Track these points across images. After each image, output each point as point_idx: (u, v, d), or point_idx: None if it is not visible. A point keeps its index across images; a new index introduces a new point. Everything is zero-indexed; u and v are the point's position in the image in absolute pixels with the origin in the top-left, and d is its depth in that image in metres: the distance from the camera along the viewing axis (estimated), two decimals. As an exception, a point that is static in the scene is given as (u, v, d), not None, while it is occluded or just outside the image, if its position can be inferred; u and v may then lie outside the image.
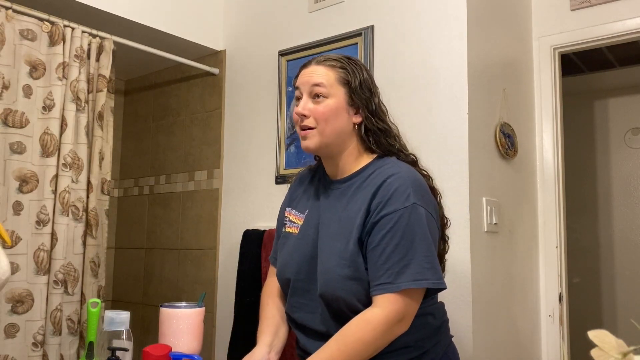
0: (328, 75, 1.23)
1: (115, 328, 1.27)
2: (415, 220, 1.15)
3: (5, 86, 1.96)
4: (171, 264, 2.77)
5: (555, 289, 2.21)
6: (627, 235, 3.48)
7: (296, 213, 1.34)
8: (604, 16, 2.19)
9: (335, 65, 1.25)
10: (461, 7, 1.90)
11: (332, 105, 1.22)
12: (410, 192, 1.16)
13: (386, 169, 1.21)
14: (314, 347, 1.22)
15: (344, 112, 1.23)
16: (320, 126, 1.22)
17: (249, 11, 2.61)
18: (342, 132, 1.24)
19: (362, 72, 1.27)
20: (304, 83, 1.25)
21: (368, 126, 1.25)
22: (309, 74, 1.25)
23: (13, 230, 1.94)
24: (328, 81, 1.23)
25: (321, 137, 1.23)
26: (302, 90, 1.26)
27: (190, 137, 2.78)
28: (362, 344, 1.11)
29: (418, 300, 1.16)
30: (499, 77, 2.10)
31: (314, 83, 1.23)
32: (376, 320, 1.12)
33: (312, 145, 1.24)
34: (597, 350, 0.58)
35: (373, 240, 1.16)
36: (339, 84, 1.23)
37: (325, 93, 1.22)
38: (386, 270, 1.12)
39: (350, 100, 1.23)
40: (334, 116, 1.22)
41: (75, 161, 2.10)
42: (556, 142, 2.29)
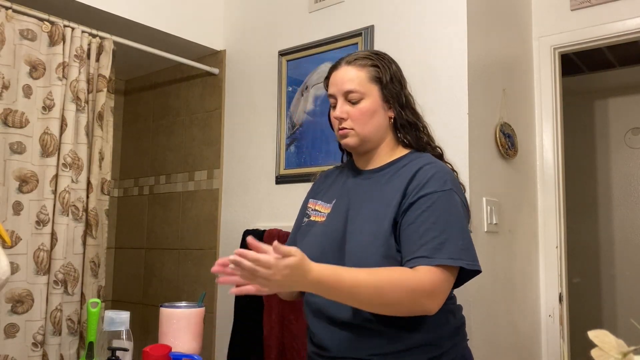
0: (359, 76, 1.25)
1: (115, 328, 1.27)
2: (452, 204, 1.17)
3: (5, 86, 1.96)
4: (171, 264, 2.77)
5: (555, 289, 2.21)
6: (627, 235, 3.48)
7: (322, 203, 1.34)
8: (604, 16, 2.19)
9: (365, 64, 1.26)
10: (461, 7, 1.90)
11: (368, 106, 1.24)
12: (447, 179, 1.19)
13: (422, 160, 1.24)
14: (329, 337, 1.20)
15: (380, 109, 1.26)
16: (358, 127, 1.24)
17: (249, 11, 2.61)
18: (380, 128, 1.27)
19: (391, 66, 1.28)
20: (336, 91, 1.26)
21: (400, 120, 1.28)
22: (340, 79, 1.26)
23: (13, 230, 1.94)
24: (360, 82, 1.24)
25: (360, 136, 1.25)
26: (335, 95, 1.27)
27: (190, 137, 2.78)
28: (389, 285, 1.07)
29: (450, 282, 1.13)
30: (499, 77, 2.10)
31: (347, 91, 1.24)
32: (411, 277, 1.09)
33: (352, 143, 1.26)
34: (597, 350, 0.58)
35: (409, 219, 1.15)
36: (372, 82, 1.25)
37: (359, 96, 1.24)
38: (421, 246, 1.11)
39: (384, 96, 1.26)
40: (371, 116, 1.24)
41: (75, 161, 2.10)
42: (556, 142, 2.29)
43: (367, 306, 1.11)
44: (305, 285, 1.05)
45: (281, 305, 2.12)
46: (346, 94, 1.25)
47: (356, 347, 1.18)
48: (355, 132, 1.25)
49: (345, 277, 1.06)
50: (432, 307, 1.11)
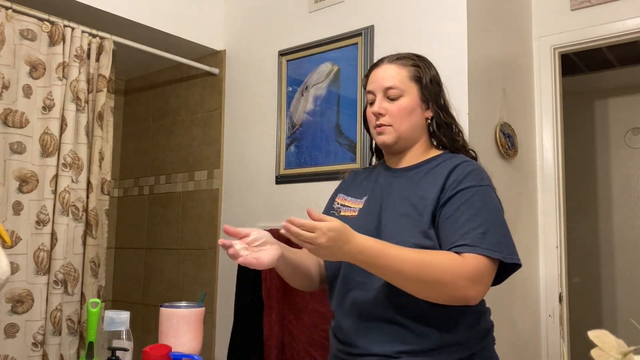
0: (400, 73, 1.26)
1: (115, 328, 1.27)
2: (490, 198, 1.18)
3: (5, 86, 1.96)
4: (171, 264, 2.77)
5: (555, 289, 2.21)
6: (627, 235, 3.48)
7: (352, 199, 1.34)
8: (604, 16, 2.19)
9: (407, 63, 1.27)
10: (461, 7, 1.90)
11: (406, 103, 1.25)
12: (484, 176, 1.21)
13: (458, 158, 1.25)
14: (358, 333, 1.20)
15: (418, 108, 1.26)
16: (395, 124, 1.25)
17: (249, 11, 2.61)
18: (416, 127, 1.27)
19: (431, 69, 1.30)
20: (376, 87, 1.27)
21: (438, 121, 1.28)
22: (381, 75, 1.27)
23: (13, 230, 1.94)
24: (401, 80, 1.25)
25: (397, 134, 1.26)
26: (374, 92, 1.28)
27: (190, 137, 2.78)
28: (435, 262, 1.08)
29: (492, 274, 1.12)
30: (499, 77, 2.10)
31: (387, 87, 1.25)
32: (457, 259, 1.09)
33: (388, 140, 1.26)
34: (597, 350, 0.58)
35: (448, 212, 1.15)
36: (412, 81, 1.26)
37: (399, 93, 1.25)
38: (462, 235, 1.11)
39: (422, 96, 1.27)
40: (409, 114, 1.25)
41: (75, 161, 2.10)
42: (556, 142, 2.29)
43: (409, 282, 1.08)
44: (351, 252, 1.05)
45: (281, 305, 2.12)
46: (386, 91, 1.25)
47: (385, 343, 1.17)
48: (392, 129, 1.25)
49: (391, 248, 1.08)
50: (473, 294, 1.09)
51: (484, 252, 1.09)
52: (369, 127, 1.32)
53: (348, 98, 2.15)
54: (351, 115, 2.13)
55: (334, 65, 2.21)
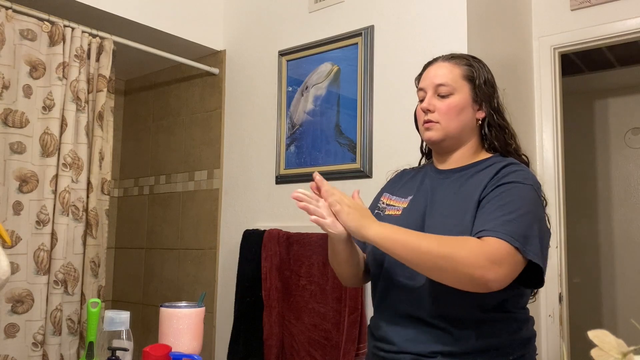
0: (453, 71, 1.25)
1: (115, 328, 1.27)
2: (529, 195, 1.14)
3: (5, 86, 1.96)
4: (171, 264, 2.77)
5: (555, 289, 2.21)
6: (627, 235, 3.48)
7: (397, 198, 1.33)
8: (604, 16, 2.19)
9: (460, 62, 1.26)
10: (461, 7, 1.90)
11: (457, 101, 1.23)
12: (530, 177, 1.18)
13: (508, 160, 1.23)
14: (395, 331, 1.19)
15: (468, 107, 1.24)
16: (444, 122, 1.23)
17: (249, 11, 2.61)
18: (465, 127, 1.25)
19: (485, 70, 1.28)
20: (427, 84, 1.26)
21: (491, 122, 1.26)
22: (433, 73, 1.26)
23: (13, 230, 1.94)
24: (453, 78, 1.24)
25: (445, 131, 1.24)
26: (426, 89, 1.26)
27: (190, 137, 2.78)
28: (455, 240, 1.07)
29: (516, 262, 1.06)
30: (499, 77, 2.08)
31: (438, 84, 1.24)
32: (478, 241, 1.06)
33: (435, 137, 1.25)
34: (597, 350, 0.58)
35: (483, 204, 1.14)
36: (464, 79, 1.25)
37: (450, 90, 1.23)
38: (487, 222, 1.09)
39: (475, 95, 1.25)
40: (459, 112, 1.23)
41: (75, 161, 2.10)
42: (556, 142, 2.29)
43: (427, 258, 1.06)
44: (372, 226, 1.10)
45: (281, 305, 2.12)
46: (437, 87, 1.24)
47: (422, 343, 1.16)
48: (440, 126, 1.23)
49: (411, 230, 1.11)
50: (492, 276, 1.02)
51: (504, 237, 1.05)
52: (418, 125, 1.30)
53: (348, 98, 2.15)
54: (351, 115, 2.13)
55: (334, 66, 2.21)
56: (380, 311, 1.28)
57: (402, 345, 1.19)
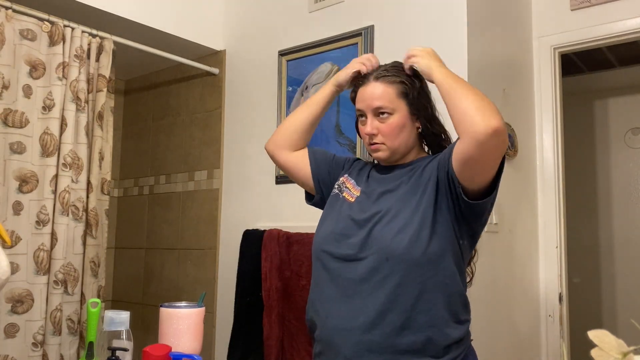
0: (388, 92, 1.28)
1: (115, 328, 1.27)
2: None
3: (5, 86, 1.96)
4: (171, 264, 2.77)
5: (555, 289, 2.21)
6: (627, 235, 3.48)
7: (353, 183, 1.37)
8: (604, 16, 2.19)
9: (392, 80, 1.29)
10: (461, 7, 1.90)
11: (397, 121, 1.28)
12: None
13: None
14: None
15: (408, 122, 1.29)
16: (389, 142, 1.28)
17: (249, 11, 2.61)
18: (408, 141, 1.31)
19: (416, 81, 1.32)
20: (365, 107, 1.30)
21: (426, 132, 1.32)
22: (369, 95, 1.29)
23: (13, 230, 1.94)
24: (389, 99, 1.27)
25: (391, 150, 1.30)
26: (364, 111, 1.31)
27: (190, 137, 2.78)
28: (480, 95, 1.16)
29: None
30: (499, 77, 2.10)
31: (376, 107, 1.28)
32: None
33: (383, 156, 1.31)
34: (597, 350, 0.58)
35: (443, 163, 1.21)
36: (400, 97, 1.28)
37: (389, 111, 1.27)
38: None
39: (411, 110, 1.29)
40: (400, 130, 1.28)
41: (75, 161, 2.10)
42: (556, 142, 2.29)
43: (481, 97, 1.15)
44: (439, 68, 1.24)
45: (281, 305, 2.12)
46: (375, 110, 1.28)
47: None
48: (386, 147, 1.29)
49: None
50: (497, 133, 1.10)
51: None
52: (364, 142, 1.35)
53: (348, 98, 2.13)
54: (351, 116, 2.13)
55: (333, 65, 2.21)
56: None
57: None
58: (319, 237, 1.32)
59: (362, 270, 1.20)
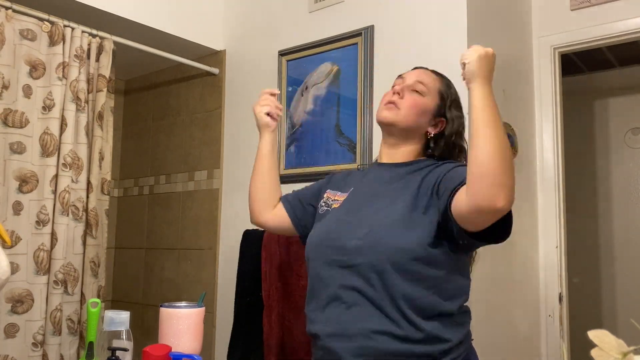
0: (435, 82, 1.34)
1: (115, 328, 1.27)
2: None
3: (5, 86, 1.96)
4: (171, 264, 2.77)
5: (555, 289, 2.21)
6: (627, 235, 3.48)
7: (340, 193, 1.38)
8: (604, 16, 2.19)
9: (442, 79, 1.36)
10: (461, 7, 1.90)
11: (424, 103, 1.31)
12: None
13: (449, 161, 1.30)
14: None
15: (428, 115, 1.31)
16: (403, 111, 1.30)
17: (249, 11, 2.61)
18: (417, 129, 1.32)
19: (455, 93, 1.36)
20: (409, 77, 1.34)
21: (448, 142, 1.31)
22: (419, 72, 1.35)
23: (13, 230, 1.94)
24: (432, 85, 1.33)
25: (398, 119, 1.30)
26: (405, 79, 1.34)
27: (190, 137, 2.78)
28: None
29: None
30: (499, 77, 2.08)
31: (419, 79, 1.32)
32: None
33: (389, 118, 1.31)
34: (597, 350, 0.58)
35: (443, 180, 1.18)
36: (438, 92, 1.33)
37: (423, 91, 1.31)
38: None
39: (438, 110, 1.32)
40: (419, 113, 1.31)
41: (75, 161, 2.10)
42: (556, 142, 2.29)
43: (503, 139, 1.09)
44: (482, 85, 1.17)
45: (281, 305, 2.12)
46: (415, 83, 1.32)
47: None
48: (398, 112, 1.30)
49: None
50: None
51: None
52: (381, 102, 1.35)
53: (348, 98, 2.15)
54: (351, 115, 2.13)
55: (333, 65, 2.21)
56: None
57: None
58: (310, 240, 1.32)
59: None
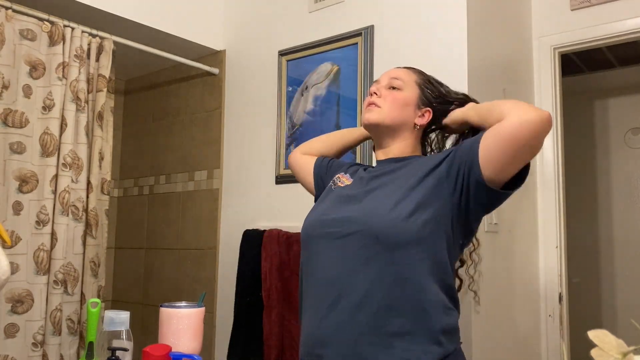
0: (408, 74, 1.35)
1: (115, 328, 1.27)
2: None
3: (5, 86, 1.96)
4: (171, 264, 2.77)
5: (555, 289, 2.21)
6: (627, 235, 3.48)
7: (348, 177, 1.39)
8: (604, 16, 2.19)
9: (416, 72, 1.37)
10: (461, 7, 1.90)
11: (403, 96, 1.31)
12: None
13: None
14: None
15: (412, 106, 1.32)
16: (385, 108, 1.30)
17: (249, 11, 2.61)
18: (403, 123, 1.32)
19: (435, 83, 1.37)
20: (383, 78, 1.36)
21: (439, 117, 1.34)
22: (392, 70, 1.37)
23: (13, 230, 1.94)
24: (406, 78, 1.33)
25: (382, 117, 1.30)
26: (380, 81, 1.35)
27: (190, 137, 2.78)
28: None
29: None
30: (499, 77, 2.10)
31: (393, 76, 1.33)
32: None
33: (372, 119, 1.31)
34: (597, 350, 0.58)
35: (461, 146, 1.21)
36: (415, 84, 1.33)
37: (400, 85, 1.32)
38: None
39: (421, 100, 1.32)
40: (401, 106, 1.31)
41: (75, 161, 2.10)
42: (556, 142, 2.29)
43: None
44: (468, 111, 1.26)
45: (281, 305, 2.12)
46: (390, 80, 1.33)
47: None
48: (380, 111, 1.30)
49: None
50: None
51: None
52: (363, 107, 1.36)
53: (348, 98, 2.15)
54: (351, 116, 2.13)
55: (333, 65, 2.21)
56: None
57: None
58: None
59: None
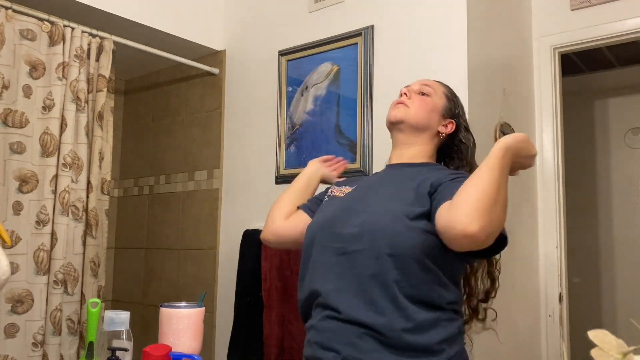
0: (439, 85, 1.43)
1: (115, 328, 1.27)
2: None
3: (5, 86, 1.96)
4: (171, 264, 2.77)
5: (555, 289, 2.21)
6: (627, 235, 3.48)
7: (345, 187, 1.41)
8: (604, 16, 2.19)
9: (445, 85, 1.45)
10: (461, 7, 1.90)
11: (431, 101, 1.38)
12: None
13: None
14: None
15: (437, 113, 1.38)
16: (412, 109, 1.36)
17: (249, 11, 2.61)
18: (427, 128, 1.37)
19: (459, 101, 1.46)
20: (415, 83, 1.43)
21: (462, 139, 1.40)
22: (423, 79, 1.45)
23: (13, 230, 1.94)
24: (436, 87, 1.42)
25: (408, 116, 1.36)
26: (411, 85, 1.42)
27: (190, 137, 2.78)
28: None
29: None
30: (499, 77, 2.10)
31: (424, 83, 1.42)
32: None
33: (399, 116, 1.36)
34: (597, 350, 0.58)
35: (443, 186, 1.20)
36: (444, 95, 1.42)
37: (430, 92, 1.39)
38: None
39: (446, 112, 1.39)
40: (429, 111, 1.37)
41: (75, 161, 2.10)
42: (556, 142, 2.29)
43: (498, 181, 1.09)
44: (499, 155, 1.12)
45: (281, 305, 2.12)
46: (421, 87, 1.40)
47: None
48: (407, 110, 1.36)
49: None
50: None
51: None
52: (391, 105, 1.40)
53: (348, 98, 2.15)
54: (351, 116, 2.13)
55: (334, 65, 2.21)
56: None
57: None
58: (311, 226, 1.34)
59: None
